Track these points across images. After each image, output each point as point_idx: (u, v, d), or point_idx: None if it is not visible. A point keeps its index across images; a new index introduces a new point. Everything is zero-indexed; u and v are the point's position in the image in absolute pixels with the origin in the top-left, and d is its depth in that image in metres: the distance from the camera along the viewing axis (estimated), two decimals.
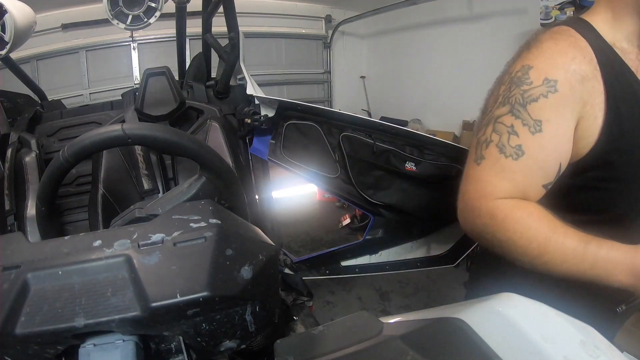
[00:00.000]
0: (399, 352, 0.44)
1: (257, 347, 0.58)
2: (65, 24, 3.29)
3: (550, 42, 0.69)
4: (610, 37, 0.69)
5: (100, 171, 1.27)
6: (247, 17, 3.72)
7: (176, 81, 1.43)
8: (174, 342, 0.50)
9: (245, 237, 0.54)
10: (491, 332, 0.46)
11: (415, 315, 0.57)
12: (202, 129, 1.40)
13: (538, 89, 0.65)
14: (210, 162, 0.68)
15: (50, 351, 0.44)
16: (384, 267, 1.44)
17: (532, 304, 0.49)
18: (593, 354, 0.42)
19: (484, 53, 3.05)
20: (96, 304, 0.43)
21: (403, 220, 1.36)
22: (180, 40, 1.98)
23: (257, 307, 0.51)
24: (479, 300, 0.55)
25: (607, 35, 0.70)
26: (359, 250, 1.45)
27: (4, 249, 0.48)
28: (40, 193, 0.67)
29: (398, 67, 4.11)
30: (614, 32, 0.70)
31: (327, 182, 1.40)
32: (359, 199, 1.39)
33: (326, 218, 3.31)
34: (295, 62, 4.39)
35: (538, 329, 0.45)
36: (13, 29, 1.26)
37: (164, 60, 1.91)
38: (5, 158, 1.26)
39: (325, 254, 1.53)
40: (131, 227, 0.52)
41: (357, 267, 1.48)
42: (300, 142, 1.40)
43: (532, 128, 0.65)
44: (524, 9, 2.69)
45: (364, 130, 1.32)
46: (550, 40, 0.69)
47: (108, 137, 0.63)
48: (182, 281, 0.45)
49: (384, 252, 1.42)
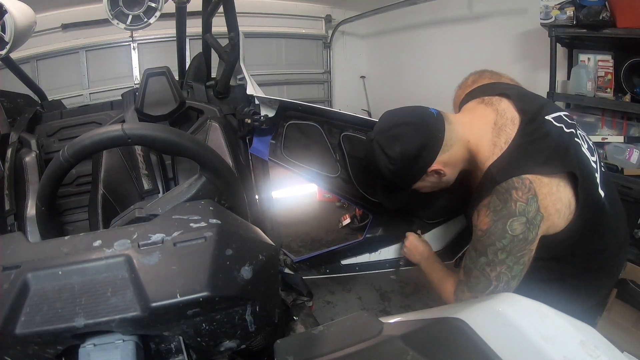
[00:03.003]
0: (399, 352, 0.44)
1: (257, 347, 0.58)
2: (65, 24, 3.29)
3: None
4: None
5: (100, 171, 1.27)
6: (247, 17, 3.72)
7: (176, 81, 1.43)
8: (174, 342, 0.50)
9: (245, 237, 0.54)
10: (491, 332, 0.46)
11: (415, 315, 0.57)
12: (202, 129, 1.39)
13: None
14: (210, 162, 0.68)
15: (50, 351, 0.44)
16: (383, 264, 1.45)
17: (532, 304, 0.49)
18: (593, 354, 0.42)
19: (484, 53, 3.05)
20: (96, 304, 0.43)
21: (403, 218, 1.37)
22: (180, 40, 1.98)
23: (257, 307, 0.51)
24: (478, 300, 0.55)
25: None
26: (359, 248, 1.46)
27: (4, 249, 0.48)
28: (40, 193, 0.67)
29: (398, 67, 4.11)
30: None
31: (327, 182, 1.41)
32: (359, 197, 1.39)
33: (326, 218, 3.31)
34: (295, 62, 4.38)
35: (538, 329, 0.45)
36: (13, 29, 1.26)
37: (164, 60, 1.91)
38: (5, 158, 1.26)
39: (326, 253, 1.53)
40: (131, 227, 0.52)
41: (357, 265, 1.49)
42: (301, 142, 1.40)
43: None
44: (524, 9, 2.69)
45: (364, 130, 1.32)
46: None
47: (108, 137, 0.63)
48: (182, 281, 0.45)
49: (384, 250, 1.43)
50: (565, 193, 0.85)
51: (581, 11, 2.05)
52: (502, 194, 0.83)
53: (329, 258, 1.52)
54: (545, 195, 0.82)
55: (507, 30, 2.85)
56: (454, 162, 0.94)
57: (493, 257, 0.83)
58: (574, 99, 2.29)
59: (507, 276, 0.84)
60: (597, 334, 0.47)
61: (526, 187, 0.82)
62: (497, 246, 0.83)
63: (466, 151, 0.93)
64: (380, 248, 1.43)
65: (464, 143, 0.92)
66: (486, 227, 0.84)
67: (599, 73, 2.20)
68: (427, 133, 0.90)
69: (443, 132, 0.91)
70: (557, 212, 0.85)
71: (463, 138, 0.92)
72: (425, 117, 0.92)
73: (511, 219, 0.81)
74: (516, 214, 0.81)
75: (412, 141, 0.90)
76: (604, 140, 2.17)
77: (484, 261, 0.85)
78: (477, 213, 0.88)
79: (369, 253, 1.45)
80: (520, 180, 0.82)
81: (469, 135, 0.92)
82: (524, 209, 0.81)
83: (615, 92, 2.14)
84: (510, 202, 0.82)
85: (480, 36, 3.10)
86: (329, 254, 1.52)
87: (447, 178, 0.96)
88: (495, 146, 0.88)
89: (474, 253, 0.87)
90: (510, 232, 0.82)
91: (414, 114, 0.94)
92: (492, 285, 0.84)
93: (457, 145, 0.92)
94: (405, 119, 0.93)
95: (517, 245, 0.82)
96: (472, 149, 0.92)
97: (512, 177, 0.82)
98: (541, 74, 2.51)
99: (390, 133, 0.92)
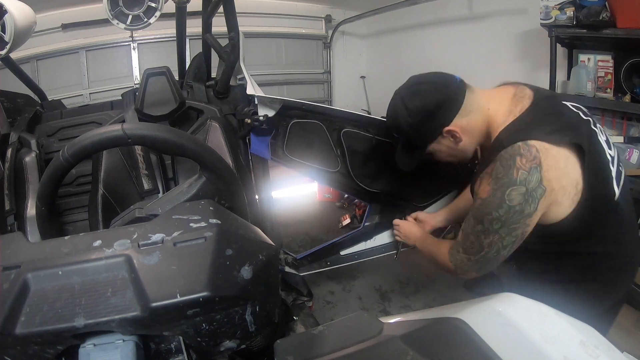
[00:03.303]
0: (399, 352, 0.44)
1: (257, 347, 0.58)
2: (65, 24, 3.29)
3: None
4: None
5: (100, 171, 1.27)
6: (247, 17, 3.72)
7: (176, 81, 1.43)
8: (174, 342, 0.50)
9: (245, 237, 0.54)
10: (491, 332, 0.46)
11: (415, 315, 0.58)
12: (202, 129, 1.40)
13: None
14: (210, 162, 0.68)
15: (50, 351, 0.44)
16: (380, 249, 1.57)
17: (532, 304, 0.49)
18: (593, 354, 0.42)
19: (484, 53, 3.05)
20: (96, 304, 0.43)
21: (397, 204, 1.47)
22: (180, 40, 1.98)
23: (257, 307, 0.51)
24: (479, 300, 0.55)
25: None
26: (358, 238, 1.58)
27: (4, 249, 0.48)
28: (40, 193, 0.67)
29: (398, 67, 4.10)
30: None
31: (327, 177, 1.48)
32: (357, 189, 1.48)
33: (326, 218, 3.31)
34: (295, 62, 4.38)
35: (538, 329, 0.45)
36: (13, 29, 1.26)
37: (164, 60, 1.91)
38: (5, 158, 1.26)
39: (326, 246, 1.61)
40: (131, 227, 0.52)
41: (356, 254, 1.59)
42: (304, 140, 1.45)
43: None
44: (524, 9, 2.68)
45: (364, 126, 1.40)
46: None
47: (108, 137, 0.63)
48: (182, 281, 0.45)
49: (378, 236, 1.55)
50: (573, 170, 0.83)
51: (581, 11, 2.05)
52: (507, 160, 0.83)
53: (329, 251, 1.61)
54: (550, 167, 0.81)
55: (507, 30, 2.85)
56: (471, 129, 0.96)
57: (488, 225, 0.85)
58: (574, 99, 2.27)
59: (498, 245, 0.85)
60: (597, 334, 0.47)
61: (531, 155, 0.81)
62: (493, 215, 0.84)
63: (485, 121, 0.95)
64: (375, 235, 1.55)
65: (483, 112, 0.95)
66: (485, 195, 0.85)
67: (599, 73, 2.20)
68: (447, 93, 0.94)
69: (463, 96, 0.94)
70: (562, 188, 0.82)
71: (483, 106, 0.95)
72: (448, 80, 0.96)
73: (510, 188, 0.81)
74: (516, 183, 0.81)
75: (432, 97, 0.94)
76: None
77: (480, 229, 0.87)
78: (480, 181, 0.89)
79: (365, 241, 1.57)
80: (527, 146, 0.81)
81: (489, 104, 0.95)
82: (525, 177, 0.80)
83: (615, 92, 2.14)
84: (512, 169, 0.81)
85: (480, 36, 3.10)
86: (330, 246, 1.60)
87: (463, 146, 0.98)
88: (510, 114, 0.91)
89: (472, 220, 0.89)
90: (508, 202, 0.82)
91: (437, 76, 0.99)
92: (483, 251, 0.87)
93: (476, 113, 0.95)
94: (428, 78, 0.98)
95: (512, 217, 0.82)
96: (490, 118, 0.94)
97: (519, 141, 0.82)
98: (541, 74, 2.51)
99: (413, 89, 0.97)
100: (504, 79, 1.05)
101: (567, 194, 0.84)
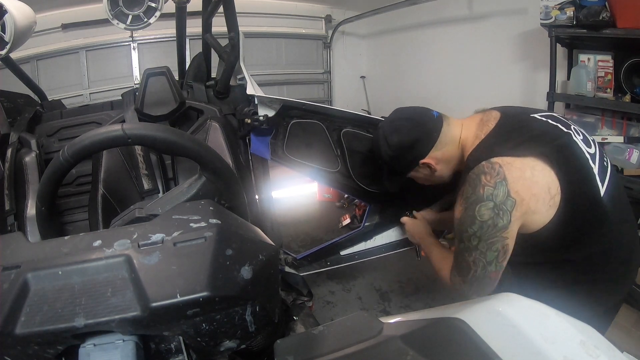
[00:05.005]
0: (399, 352, 0.44)
1: (257, 347, 0.58)
2: (65, 24, 3.29)
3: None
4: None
5: (100, 171, 1.27)
6: (247, 17, 3.72)
7: (176, 81, 1.43)
8: (174, 342, 0.50)
9: (245, 237, 0.54)
10: (491, 332, 0.46)
11: (415, 315, 0.57)
12: (202, 129, 1.40)
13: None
14: (211, 162, 0.68)
15: (50, 351, 0.44)
16: (380, 249, 1.57)
17: (532, 304, 0.49)
18: (593, 354, 0.42)
19: (484, 53, 3.05)
20: (96, 304, 0.43)
21: (396, 204, 1.46)
22: (180, 40, 1.98)
23: (257, 307, 0.51)
24: (478, 300, 0.55)
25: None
26: (358, 238, 1.57)
27: (4, 249, 0.48)
28: (40, 193, 0.67)
29: (398, 67, 4.11)
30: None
31: (327, 177, 1.48)
32: (357, 189, 1.48)
33: (326, 218, 3.31)
34: (295, 62, 4.38)
35: (538, 329, 0.45)
36: (13, 29, 1.26)
37: (164, 60, 1.92)
38: (5, 158, 1.26)
39: (326, 246, 1.61)
40: (131, 227, 0.52)
41: (356, 254, 1.59)
42: (304, 140, 1.45)
43: None
44: (524, 9, 2.68)
45: (364, 126, 1.40)
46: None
47: (108, 137, 0.63)
48: (182, 281, 0.45)
49: (378, 237, 1.56)
50: (542, 177, 0.85)
51: (581, 11, 2.05)
52: (473, 180, 0.87)
53: (329, 251, 1.60)
54: (516, 179, 0.83)
55: (507, 30, 2.85)
56: (447, 160, 1.04)
57: (468, 243, 0.87)
58: (574, 99, 2.28)
59: (483, 262, 0.86)
60: (597, 334, 0.47)
61: (495, 171, 0.84)
62: (469, 232, 0.86)
63: (459, 149, 1.03)
64: (375, 235, 1.56)
65: (456, 141, 1.03)
66: (459, 215, 0.89)
67: (599, 73, 2.20)
68: (423, 130, 1.03)
69: (439, 132, 1.02)
70: (534, 196, 0.84)
71: (456, 137, 1.03)
72: (425, 117, 1.05)
73: (479, 205, 0.84)
74: (484, 199, 0.84)
75: (409, 135, 1.03)
76: (604, 141, 2.17)
77: (462, 247, 0.89)
78: (456, 204, 0.93)
79: (365, 241, 1.58)
80: (490, 164, 0.85)
81: (461, 133, 1.03)
82: (491, 192, 0.83)
83: (615, 92, 2.14)
84: (478, 187, 0.85)
85: (480, 36, 3.10)
86: (330, 246, 1.60)
87: (440, 174, 1.07)
88: (476, 138, 0.97)
89: (456, 240, 0.92)
90: (479, 218, 0.84)
91: (416, 113, 1.07)
92: (471, 270, 0.88)
93: (450, 144, 1.03)
94: (408, 115, 1.08)
95: (487, 232, 0.84)
96: (462, 146, 1.02)
97: (483, 160, 0.87)
98: (541, 74, 2.50)
99: (394, 125, 1.07)
100: (504, 79, 1.06)
101: (541, 201, 0.85)
